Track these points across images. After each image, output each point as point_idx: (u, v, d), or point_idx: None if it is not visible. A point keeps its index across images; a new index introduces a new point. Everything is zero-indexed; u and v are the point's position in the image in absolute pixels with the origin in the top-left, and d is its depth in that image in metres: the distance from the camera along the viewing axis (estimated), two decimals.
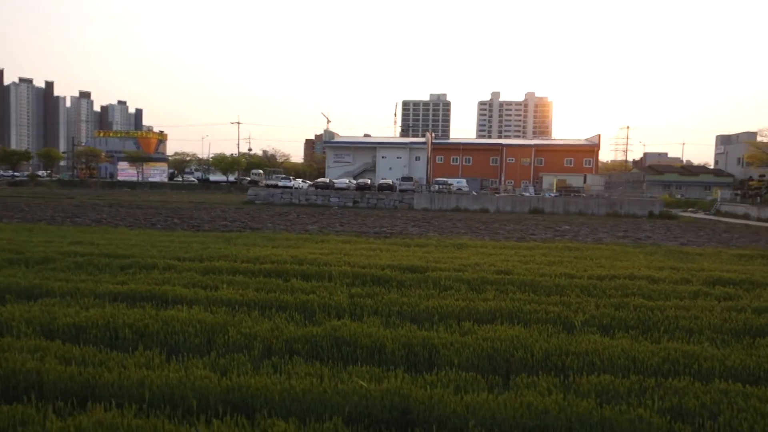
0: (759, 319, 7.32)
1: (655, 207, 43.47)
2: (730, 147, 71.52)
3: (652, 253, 15.28)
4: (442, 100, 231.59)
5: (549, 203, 45.27)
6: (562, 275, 10.53)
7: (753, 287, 9.91)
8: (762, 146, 38.54)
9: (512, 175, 67.89)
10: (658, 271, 11.63)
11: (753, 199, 40.83)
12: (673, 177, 69.64)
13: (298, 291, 8.55)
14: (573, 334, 6.66)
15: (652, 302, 8.36)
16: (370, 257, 12.41)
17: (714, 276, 10.81)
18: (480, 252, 14.22)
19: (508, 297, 8.49)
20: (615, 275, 10.67)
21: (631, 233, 26.35)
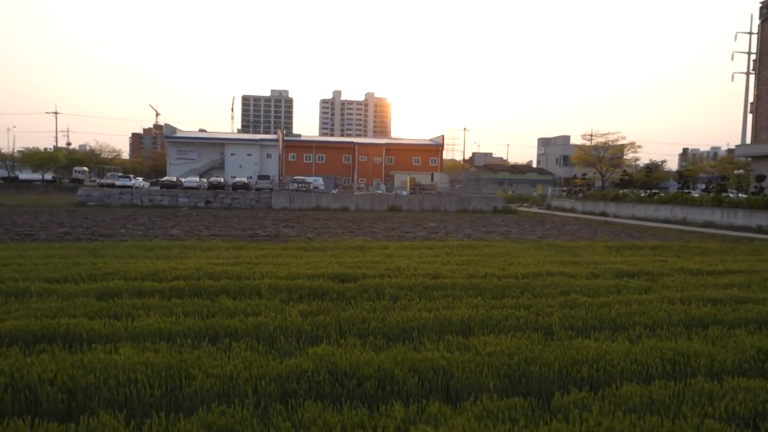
0: (696, 310, 7.92)
1: (498, 203, 47.24)
2: (549, 148, 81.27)
3: (536, 248, 16.25)
4: (284, 96, 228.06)
5: (405, 201, 46.75)
6: (489, 276, 10.56)
7: (655, 277, 10.90)
8: (586, 149, 44.38)
9: (364, 173, 69.08)
10: (562, 266, 12.27)
11: (577, 195, 46.59)
12: (505, 175, 77.00)
13: (239, 313, 7.29)
14: (560, 340, 6.51)
15: (593, 299, 8.67)
16: (282, 266, 11.28)
17: (615, 269, 11.71)
18: (387, 254, 13.81)
19: (464, 303, 8.17)
20: (534, 273, 10.99)
21: (491, 228, 28.10)
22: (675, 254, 15.24)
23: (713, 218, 30.44)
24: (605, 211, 40.31)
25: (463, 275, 10.56)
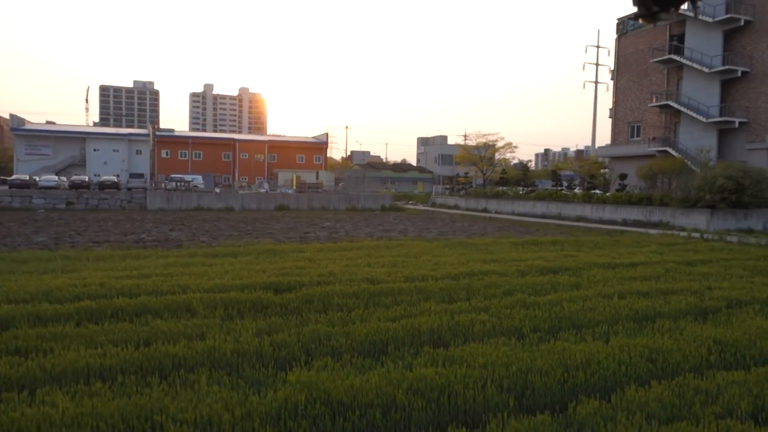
0: (636, 304, 8.29)
1: (386, 201, 47.83)
2: (428, 147, 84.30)
3: (450, 247, 16.41)
4: (149, 88, 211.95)
5: (294, 200, 45.53)
6: (426, 278, 10.30)
7: (577, 273, 11.38)
8: (469, 148, 46.55)
9: (246, 171, 66.22)
10: (485, 264, 12.40)
11: (460, 192, 48.66)
12: (388, 173, 78.41)
13: (180, 337, 6.22)
14: (536, 343, 6.37)
15: (539, 298, 8.75)
16: (200, 276, 10.08)
17: (536, 265, 12.07)
18: (308, 258, 13.03)
19: (420, 310, 7.80)
20: (466, 273, 10.94)
21: (388, 226, 28.19)
22: (575, 249, 16.23)
23: (584, 213, 33.35)
24: (487, 208, 42.50)
25: (400, 279, 10.18)
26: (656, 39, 35.94)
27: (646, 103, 36.58)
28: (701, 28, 32.09)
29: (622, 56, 38.62)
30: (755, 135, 30.67)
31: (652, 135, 35.62)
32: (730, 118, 30.67)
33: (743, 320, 7.60)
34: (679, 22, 34.09)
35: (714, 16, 31.02)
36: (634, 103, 37.70)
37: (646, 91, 36.71)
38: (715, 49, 31.62)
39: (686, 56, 32.60)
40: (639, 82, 37.31)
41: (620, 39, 38.88)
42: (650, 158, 34.00)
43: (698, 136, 32.09)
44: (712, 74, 31.41)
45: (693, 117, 32.00)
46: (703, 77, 31.91)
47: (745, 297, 8.99)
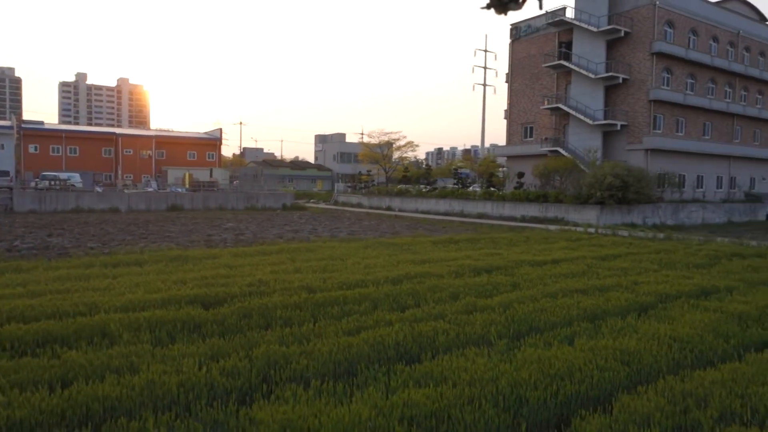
0: (583, 302, 8.34)
1: (287, 199, 46.47)
2: (327, 145, 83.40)
3: (372, 247, 15.95)
4: (9, 75, 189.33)
5: (187, 199, 42.70)
6: (364, 284, 9.75)
7: (509, 272, 11.41)
8: (371, 147, 46.44)
9: (131, 168, 61.00)
10: (416, 266, 12.10)
11: (363, 191, 48.45)
12: (286, 171, 76.36)
13: (106, 371, 5.14)
14: (507, 351, 6.06)
15: (487, 300, 8.54)
16: (108, 291, 8.72)
17: (466, 265, 11.95)
18: (227, 265, 11.89)
19: (374, 320, 7.22)
20: (403, 276, 10.53)
21: (296, 227, 27.22)
22: (494, 246, 16.49)
23: (485, 210, 34.57)
24: (391, 206, 42.71)
25: (336, 285, 9.51)
26: (547, 45, 38.17)
27: (538, 105, 38.74)
28: (587, 37, 34.55)
29: (516, 60, 40.59)
30: (634, 137, 33.63)
31: (544, 136, 37.81)
32: (613, 121, 33.35)
33: (681, 315, 7.88)
34: (567, 30, 36.45)
35: (598, 27, 33.52)
36: (527, 105, 39.80)
37: (538, 94, 38.89)
38: (599, 56, 34.19)
39: (574, 62, 34.94)
40: (531, 85, 39.43)
41: (514, 44, 40.82)
42: (543, 157, 36.01)
43: (585, 137, 34.55)
44: (597, 80, 33.95)
45: (581, 119, 34.39)
46: (590, 82, 34.40)
47: (671, 291, 9.43)
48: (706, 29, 35.89)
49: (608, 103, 34.58)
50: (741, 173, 39.43)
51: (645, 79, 32.88)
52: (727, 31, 37.49)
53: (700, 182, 36.40)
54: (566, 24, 35.80)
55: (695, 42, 35.19)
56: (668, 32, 33.59)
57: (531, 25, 39.52)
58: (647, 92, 32.71)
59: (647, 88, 32.75)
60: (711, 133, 37.09)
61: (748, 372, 5.47)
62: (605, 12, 33.81)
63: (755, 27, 39.96)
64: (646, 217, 30.25)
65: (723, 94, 37.63)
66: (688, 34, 34.85)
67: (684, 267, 12.86)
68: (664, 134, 33.77)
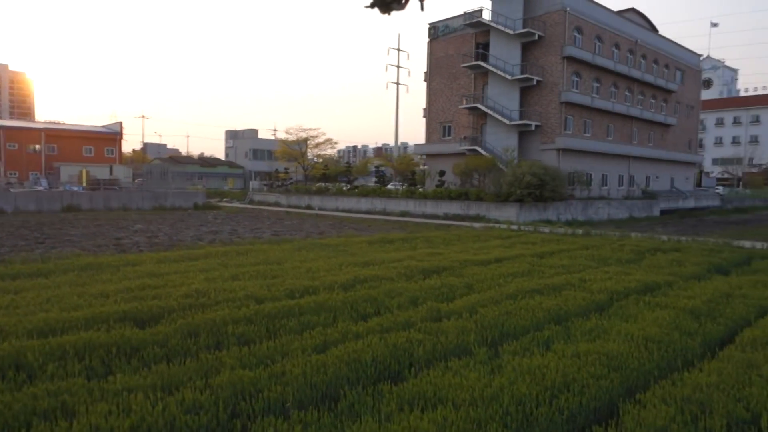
0: (546, 303, 8.18)
1: (199, 198, 44.05)
2: (238, 141, 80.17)
3: (305, 249, 15.15)
4: None
5: (86, 199, 39.15)
6: (314, 291, 9.06)
7: (456, 271, 11.14)
8: (289, 143, 44.87)
9: (16, 164, 54.91)
10: (361, 268, 11.54)
11: (280, 189, 46.89)
12: (195, 168, 72.39)
13: (31, 417, 4.10)
14: (490, 360, 5.68)
15: (450, 304, 8.17)
16: (12, 310, 7.39)
17: (413, 266, 11.55)
18: (152, 273, 10.65)
19: (339, 333, 6.59)
20: (353, 280, 9.94)
21: (213, 227, 25.74)
22: (429, 245, 16.27)
23: (408, 208, 34.60)
24: (310, 205, 41.69)
25: (282, 294, 8.74)
26: (464, 45, 38.92)
27: (456, 104, 39.42)
28: (503, 39, 35.61)
29: (434, 60, 41.05)
30: (547, 137, 35.14)
31: (463, 135, 38.55)
32: (528, 121, 34.63)
33: (639, 312, 7.93)
34: (484, 31, 37.37)
35: (514, 29, 34.64)
36: (446, 104, 40.38)
37: (456, 94, 39.58)
38: (515, 58, 35.35)
39: (491, 64, 35.88)
40: (450, 84, 40.05)
41: (432, 43, 41.25)
42: (462, 156, 36.69)
43: (502, 136, 35.62)
44: (513, 81, 35.08)
45: (498, 119, 35.40)
46: (506, 83, 35.48)
47: (619, 288, 9.55)
48: (609, 36, 38.27)
49: (523, 104, 35.86)
50: (638, 172, 42.55)
51: (557, 82, 34.44)
52: (627, 39, 40.25)
53: (605, 181, 38.80)
54: (483, 25, 36.67)
55: (600, 48, 37.41)
56: (577, 38, 35.42)
57: (449, 26, 40.13)
58: (559, 94, 34.29)
59: (559, 91, 34.32)
60: (613, 134, 39.67)
61: (733, 372, 5.45)
62: (520, 15, 35.00)
63: (650, 36, 43.26)
64: (560, 213, 31.68)
65: (623, 98, 40.38)
66: (595, 40, 36.98)
67: (616, 263, 13.29)
68: (574, 135, 35.60)
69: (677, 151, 47.45)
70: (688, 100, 49.80)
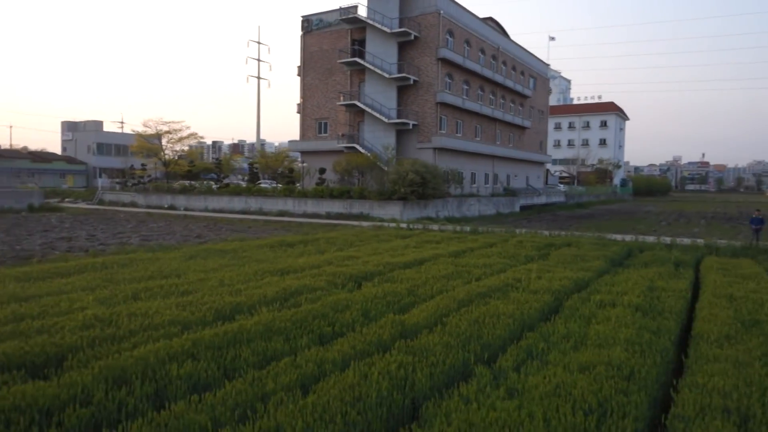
0: (504, 308, 7.74)
1: (35, 199, 38.13)
2: (79, 134, 70.92)
3: (200, 257, 13.34)
4: None
5: None
6: (252, 309, 7.75)
7: (387, 276, 10.37)
8: (147, 137, 40.18)
9: None
10: (283, 277, 10.32)
11: (138, 187, 42.14)
12: (25, 164, 62.40)
13: None
14: (502, 386, 5.01)
15: (408, 315, 7.40)
16: None
17: (339, 272, 10.61)
18: (12, 296, 8.37)
19: (314, 362, 5.51)
20: (283, 292, 8.74)
21: (62, 233, 22.37)
22: (335, 248, 15.31)
23: (287, 208, 33.05)
24: (174, 204, 38.07)
25: (209, 315, 7.33)
26: (339, 41, 38.22)
27: (332, 101, 38.59)
28: (380, 37, 35.55)
29: (308, 53, 39.77)
30: (423, 136, 35.83)
31: (341, 132, 37.85)
32: (405, 120, 34.98)
33: (593, 313, 7.84)
34: (360, 28, 36.99)
35: (391, 28, 34.72)
36: (322, 100, 39.36)
37: (332, 90, 38.75)
38: (392, 57, 35.48)
39: (368, 61, 35.63)
40: (325, 80, 39.09)
41: (305, 37, 39.92)
42: (341, 153, 36.01)
43: (381, 134, 35.59)
44: (390, 80, 35.17)
45: (376, 117, 35.28)
46: (384, 82, 35.47)
47: (556, 287, 9.49)
48: (476, 42, 40.18)
49: (401, 103, 36.18)
50: (501, 171, 45.44)
51: (432, 83, 35.25)
52: (491, 45, 42.65)
53: (474, 179, 40.74)
54: (359, 22, 36.29)
55: (469, 52, 39.11)
56: (449, 41, 36.58)
57: (323, 20, 39.14)
58: (435, 95, 35.12)
59: (434, 91, 35.16)
60: (480, 135, 41.81)
61: (732, 371, 5.38)
62: (397, 14, 35.20)
63: (509, 44, 46.36)
64: (438, 210, 32.47)
65: (489, 101, 42.74)
66: (464, 44, 38.54)
67: (527, 260, 13.53)
68: (448, 135, 36.77)
69: (532, 151, 51.61)
70: (540, 105, 54.45)
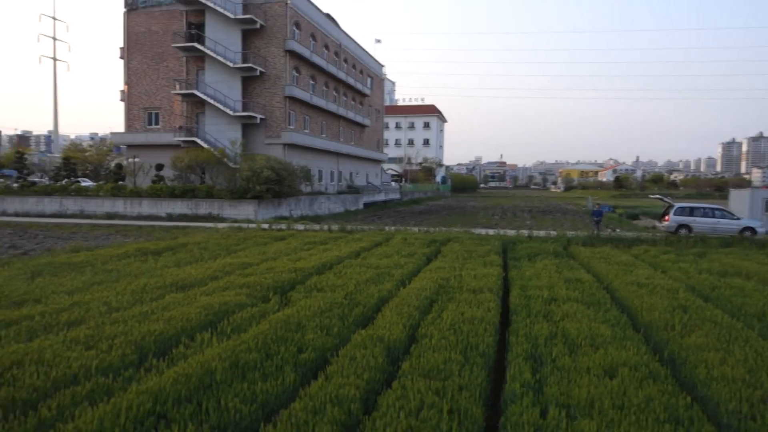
0: (469, 311, 7.21)
1: None
2: None
3: (46, 273, 10.54)
4: None
5: None
6: (189, 337, 6.03)
7: (311, 281, 9.15)
8: None
9: None
10: (183, 293, 8.51)
11: None
12: None
13: None
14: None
15: (379, 333, 6.42)
16: None
17: (256, 284, 9.12)
18: None
19: (315, 409, 4.29)
20: (211, 312, 7.17)
21: None
22: (217, 255, 13.40)
23: (116, 209, 28.71)
24: None
25: (128, 356, 5.63)
26: (173, 23, 34.30)
27: (165, 89, 34.50)
28: (222, 22, 32.66)
29: (133, 34, 34.97)
30: (273, 131, 33.88)
31: (178, 124, 34.02)
32: (252, 113, 32.67)
33: (563, 308, 7.75)
34: (198, 10, 33.61)
35: (235, 13, 32.11)
36: (151, 87, 34.96)
37: (164, 77, 34.63)
38: (235, 45, 32.86)
39: (209, 47, 32.53)
40: (156, 66, 34.78)
41: (130, 15, 35.03)
42: (177, 148, 32.45)
43: (225, 128, 32.79)
44: (234, 69, 32.54)
45: (219, 109, 32.40)
46: (227, 71, 32.71)
47: (496, 285, 9.31)
48: (321, 36, 39.40)
49: (247, 95, 33.82)
50: (345, 168, 45.41)
51: (280, 75, 33.58)
52: (334, 41, 42.25)
53: (320, 176, 40.01)
54: (197, 3, 32.97)
55: (315, 47, 38.18)
56: (296, 33, 35.22)
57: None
58: (283, 88, 33.49)
59: (283, 85, 33.53)
60: (326, 131, 41.20)
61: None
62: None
63: (350, 42, 46.47)
64: (292, 209, 31.13)
65: (333, 97, 42.32)
66: (310, 38, 37.48)
67: (427, 258, 13.30)
68: (296, 130, 35.42)
69: (371, 149, 52.61)
70: (376, 104, 55.75)
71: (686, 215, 20.98)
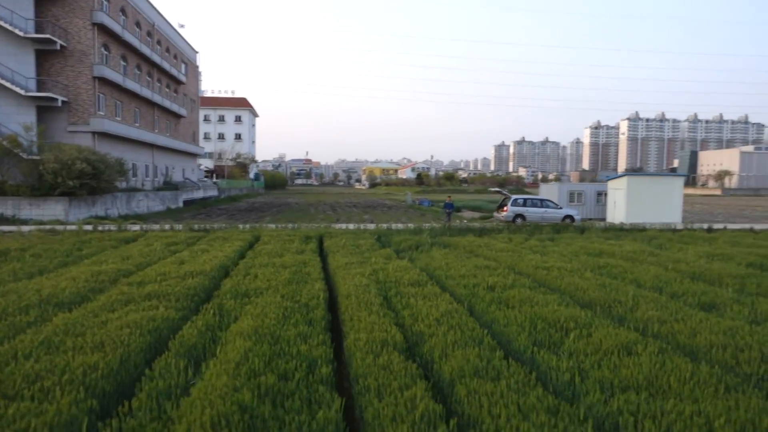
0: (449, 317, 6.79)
1: None
2: None
3: None
4: None
5: None
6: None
7: (212, 277, 7.74)
8: None
9: None
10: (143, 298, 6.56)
11: None
12: None
13: None
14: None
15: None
16: None
17: (169, 293, 7.39)
18: None
19: None
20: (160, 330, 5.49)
21: None
22: (36, 269, 10.71)
23: None
24: None
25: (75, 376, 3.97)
26: None
27: None
28: None
29: None
30: (78, 116, 28.64)
31: None
32: (51, 94, 27.17)
33: (546, 304, 7.76)
34: None
35: None
36: None
37: None
38: (26, 10, 26.85)
39: None
40: None
41: None
42: None
43: (13, 111, 26.65)
44: (26, 40, 26.60)
45: (5, 87, 26.33)
46: (15, 41, 26.59)
47: (420, 279, 9.03)
48: (132, 12, 34.72)
49: (43, 72, 28.13)
50: (160, 162, 40.87)
51: (87, 52, 28.65)
52: (147, 20, 37.61)
53: (135, 171, 35.39)
54: None
55: (126, 23, 33.49)
56: (105, 4, 30.45)
57: None
58: (91, 68, 28.66)
59: (90, 63, 28.69)
60: (140, 120, 36.54)
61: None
62: None
63: (164, 23, 41.85)
64: (108, 208, 26.98)
65: (146, 82, 37.70)
66: (119, 12, 32.74)
67: (319, 255, 12.49)
68: (108, 117, 30.67)
69: (187, 142, 48.32)
70: (191, 93, 51.35)
71: (521, 206, 23.41)
